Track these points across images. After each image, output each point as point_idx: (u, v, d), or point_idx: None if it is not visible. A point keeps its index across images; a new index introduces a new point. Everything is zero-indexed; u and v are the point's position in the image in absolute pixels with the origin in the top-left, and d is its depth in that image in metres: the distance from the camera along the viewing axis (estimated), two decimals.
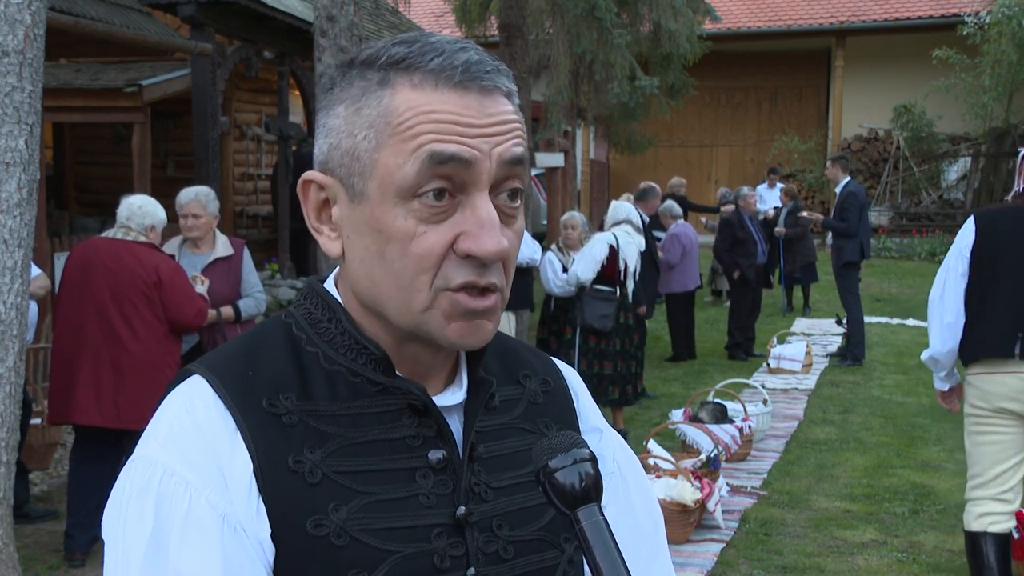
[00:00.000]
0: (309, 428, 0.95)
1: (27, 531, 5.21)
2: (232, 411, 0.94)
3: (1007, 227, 3.90)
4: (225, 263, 5.31)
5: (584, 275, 7.00)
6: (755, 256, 10.66)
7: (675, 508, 5.07)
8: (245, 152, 12.77)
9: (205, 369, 0.97)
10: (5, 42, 3.83)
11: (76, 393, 4.68)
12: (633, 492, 1.13)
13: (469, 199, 0.93)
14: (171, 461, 0.92)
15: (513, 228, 0.97)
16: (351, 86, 0.97)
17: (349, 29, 6.30)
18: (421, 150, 0.91)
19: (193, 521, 0.90)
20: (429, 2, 21.67)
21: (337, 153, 0.97)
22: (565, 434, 0.93)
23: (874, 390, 9.08)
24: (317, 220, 1.01)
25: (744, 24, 20.84)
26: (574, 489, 0.88)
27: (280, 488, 0.92)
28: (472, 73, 0.94)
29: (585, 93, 15.78)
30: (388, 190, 0.93)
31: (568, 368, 1.19)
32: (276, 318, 1.05)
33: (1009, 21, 16.79)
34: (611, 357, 7.13)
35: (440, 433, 0.99)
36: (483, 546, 0.99)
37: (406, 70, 0.94)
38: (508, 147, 0.95)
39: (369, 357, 0.99)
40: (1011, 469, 3.94)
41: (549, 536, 1.04)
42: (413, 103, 0.93)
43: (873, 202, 19.02)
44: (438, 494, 0.98)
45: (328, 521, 0.92)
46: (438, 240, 0.93)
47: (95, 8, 7.61)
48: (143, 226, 4.85)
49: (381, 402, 0.98)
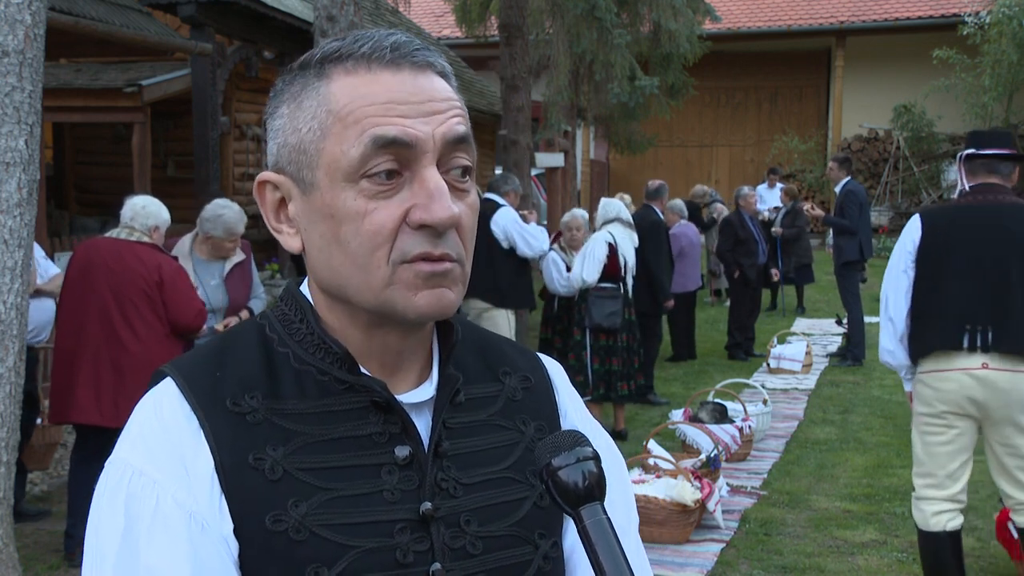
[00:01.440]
0: (274, 426, 0.97)
1: (27, 531, 5.21)
2: (196, 411, 0.96)
3: (953, 224, 3.93)
4: (240, 268, 5.37)
5: (589, 277, 7.08)
6: (756, 256, 10.67)
7: (675, 508, 5.07)
8: (245, 152, 12.75)
9: (175, 370, 1.00)
10: (5, 42, 3.83)
11: (76, 393, 4.68)
12: (613, 487, 1.11)
13: (416, 174, 0.95)
14: (140, 461, 0.95)
15: (466, 202, 0.98)
16: (291, 85, 1.00)
17: (349, 29, 6.30)
18: (364, 135, 0.93)
19: (160, 519, 0.92)
20: (429, 2, 21.68)
21: (285, 151, 0.99)
22: (568, 432, 0.93)
23: (874, 390, 9.08)
24: (276, 220, 1.03)
25: (744, 24, 20.84)
26: (577, 488, 0.88)
27: (241, 485, 0.94)
28: (402, 51, 0.97)
29: (585, 93, 15.79)
30: (336, 175, 0.95)
31: (554, 364, 1.19)
32: (252, 320, 1.07)
33: (1010, 21, 16.78)
34: (619, 353, 7.20)
35: (405, 429, 1.00)
36: (449, 541, 0.99)
37: (339, 60, 0.98)
38: (450, 126, 0.97)
39: (334, 356, 1.00)
40: (961, 467, 3.96)
41: (522, 532, 1.04)
42: (349, 88, 0.96)
43: (873, 202, 19.01)
44: (403, 490, 0.98)
45: (287, 516, 0.94)
46: (389, 215, 0.94)
47: (95, 8, 7.61)
48: (146, 227, 4.84)
49: (348, 400, 1.00)
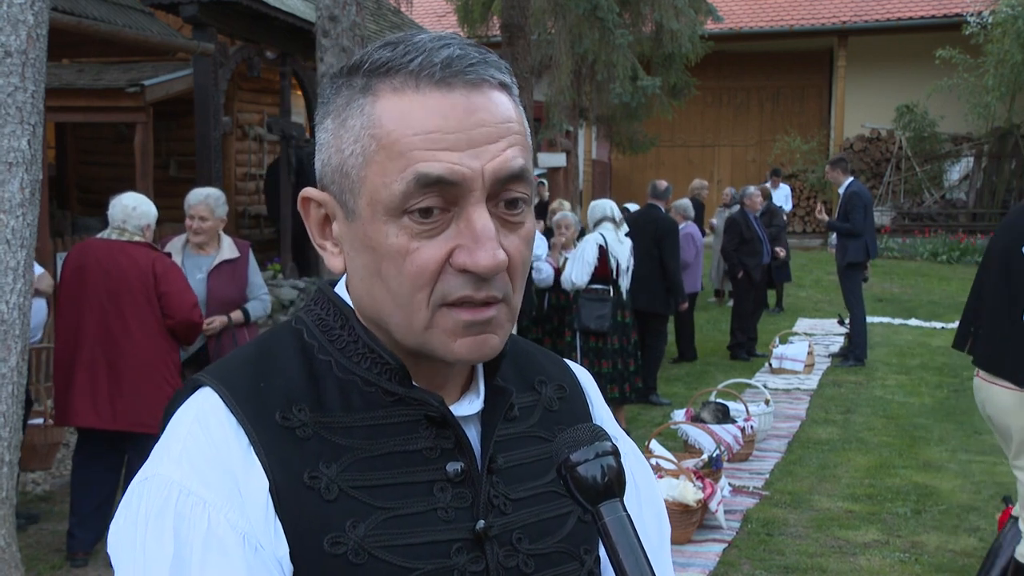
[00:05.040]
0: (324, 441, 0.92)
1: (30, 531, 5.21)
2: (244, 425, 0.91)
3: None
4: (230, 265, 5.25)
5: (579, 279, 7.07)
6: (761, 255, 10.66)
7: (677, 508, 5.07)
8: (247, 152, 12.77)
9: (215, 380, 0.94)
10: (8, 42, 3.83)
11: (74, 396, 4.68)
12: (644, 503, 1.11)
13: (463, 211, 0.89)
14: (186, 479, 0.89)
15: (518, 234, 0.93)
16: (338, 96, 0.94)
17: (351, 29, 6.30)
18: (408, 171, 0.87)
19: (214, 542, 0.87)
20: (431, 2, 21.68)
21: (328, 169, 0.94)
22: (587, 426, 0.90)
23: (876, 390, 9.07)
24: (321, 236, 0.98)
25: (746, 24, 20.82)
26: (596, 483, 0.85)
27: (296, 505, 0.89)
28: (454, 68, 0.89)
29: (587, 93, 15.78)
30: (378, 208, 0.90)
31: (583, 372, 1.16)
32: (286, 324, 1.01)
33: (1014, 21, 16.77)
34: (609, 355, 7.18)
35: (459, 444, 0.96)
36: (503, 560, 0.96)
37: (387, 74, 0.91)
38: (503, 161, 0.90)
39: (384, 367, 0.95)
40: None
41: (569, 548, 1.01)
42: (395, 111, 0.89)
43: (876, 202, 19.00)
44: (456, 508, 0.94)
45: (346, 539, 0.89)
46: (432, 255, 0.89)
47: (98, 8, 7.61)
48: (139, 226, 4.81)
49: (397, 413, 0.95)
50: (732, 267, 10.79)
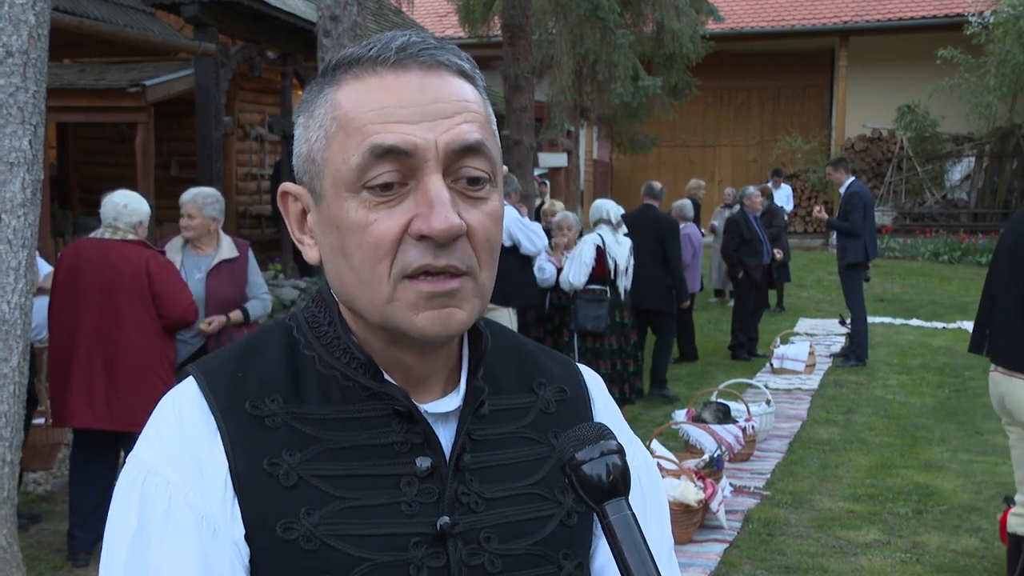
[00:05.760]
0: (293, 431, 0.94)
1: (31, 531, 5.22)
2: (214, 411, 0.94)
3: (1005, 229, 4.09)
4: (229, 265, 5.23)
5: (576, 279, 7.06)
6: (761, 256, 10.66)
7: (678, 508, 5.07)
8: (248, 152, 12.79)
9: (198, 369, 0.98)
10: (9, 42, 3.83)
11: (70, 396, 4.68)
12: (650, 511, 1.09)
13: (419, 183, 0.91)
14: (155, 461, 0.93)
15: (481, 209, 0.94)
16: (309, 94, 0.98)
17: (352, 29, 6.30)
18: (364, 143, 0.91)
19: (172, 520, 0.91)
20: (432, 2, 21.67)
21: (300, 160, 0.98)
22: (593, 425, 0.90)
23: (877, 390, 9.07)
24: (299, 231, 1.01)
25: (747, 24, 20.82)
26: (601, 482, 0.85)
27: (254, 490, 0.92)
28: (408, 52, 0.93)
29: (588, 93, 15.78)
30: (339, 185, 0.92)
31: (592, 375, 1.15)
32: (281, 320, 1.04)
33: (1016, 21, 16.76)
34: (607, 356, 7.18)
35: (427, 440, 0.97)
36: (467, 558, 0.96)
37: (349, 66, 0.95)
38: (457, 133, 0.92)
39: (356, 361, 0.97)
40: None
41: (545, 551, 1.00)
42: (353, 94, 0.93)
43: (877, 202, 18.99)
44: (421, 503, 0.95)
45: (298, 525, 0.92)
46: (390, 225, 0.91)
47: (99, 8, 7.61)
48: (130, 224, 4.80)
49: (371, 407, 0.97)
50: (732, 267, 10.79)
